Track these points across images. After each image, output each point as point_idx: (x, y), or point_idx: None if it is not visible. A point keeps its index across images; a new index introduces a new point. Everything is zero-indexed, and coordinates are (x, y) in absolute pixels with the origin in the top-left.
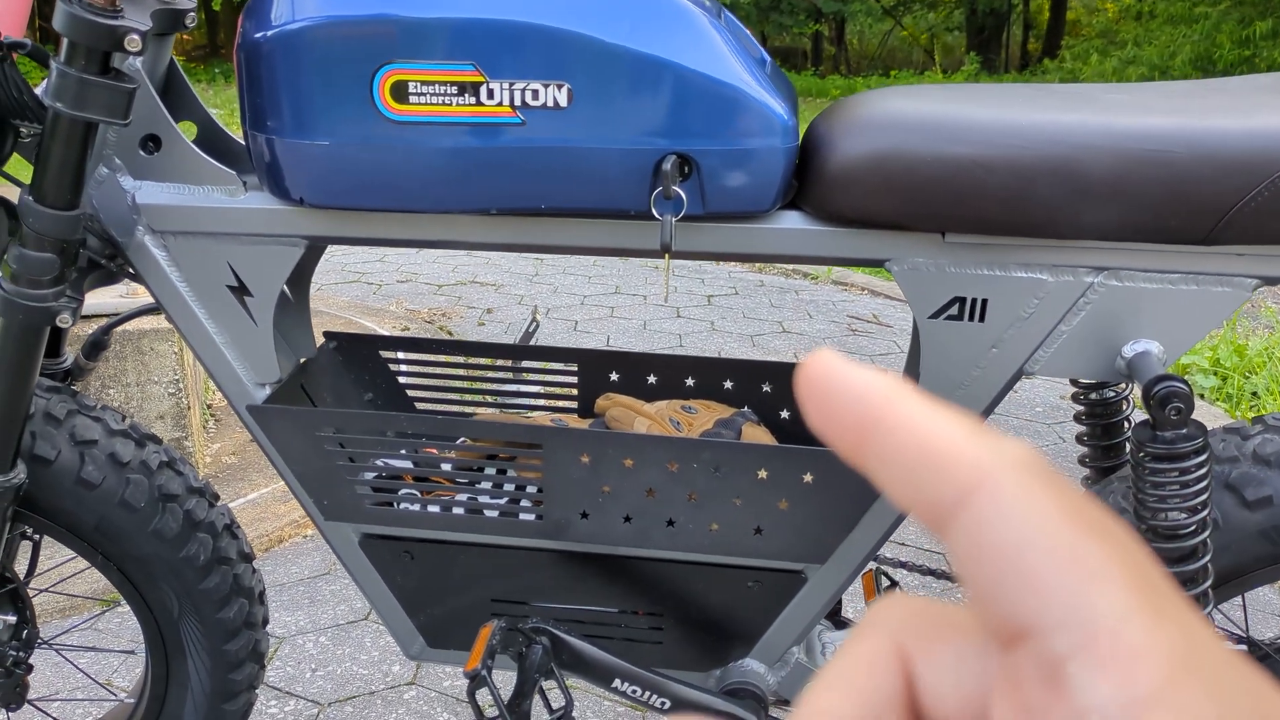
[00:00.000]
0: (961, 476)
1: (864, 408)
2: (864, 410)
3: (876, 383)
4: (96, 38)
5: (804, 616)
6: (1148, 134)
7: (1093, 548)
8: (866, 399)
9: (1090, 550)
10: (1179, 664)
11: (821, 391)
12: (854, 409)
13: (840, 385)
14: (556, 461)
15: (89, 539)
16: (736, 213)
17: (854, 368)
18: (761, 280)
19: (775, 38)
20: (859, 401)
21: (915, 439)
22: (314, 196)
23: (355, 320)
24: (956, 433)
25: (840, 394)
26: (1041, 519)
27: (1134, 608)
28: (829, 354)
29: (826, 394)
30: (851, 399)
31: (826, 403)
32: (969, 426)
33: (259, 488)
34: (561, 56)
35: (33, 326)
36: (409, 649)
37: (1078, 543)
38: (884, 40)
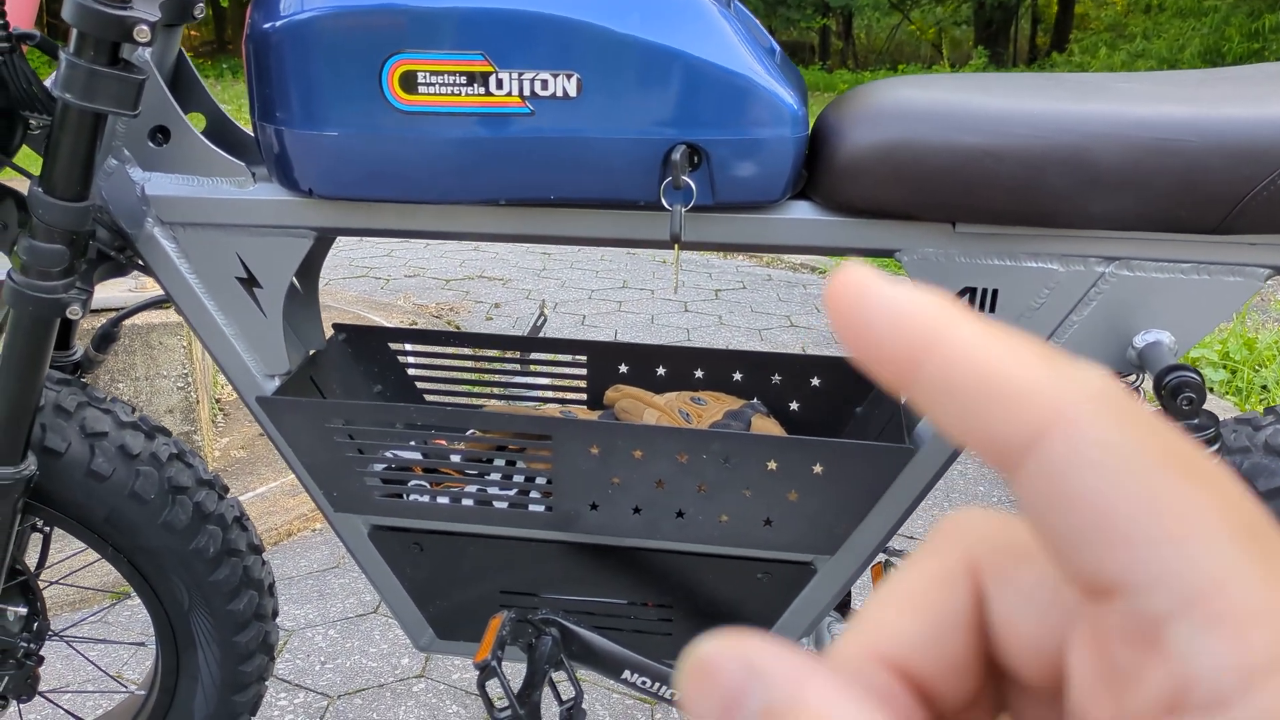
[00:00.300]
0: (1031, 414)
1: (911, 333)
2: (911, 336)
3: (924, 303)
4: (105, 28)
5: (813, 608)
6: (1159, 123)
7: (1190, 494)
8: (914, 322)
9: (1187, 496)
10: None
11: (857, 314)
12: (899, 334)
13: (880, 306)
14: (566, 453)
15: (99, 531)
16: (746, 203)
17: (895, 285)
18: (769, 274)
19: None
20: (905, 325)
21: (975, 369)
22: (323, 187)
23: (363, 315)
24: (1024, 361)
25: (881, 316)
26: (1128, 461)
27: (1242, 562)
28: (861, 270)
29: (863, 316)
30: (895, 322)
31: (864, 327)
32: (1038, 352)
33: (268, 482)
34: (571, 46)
35: (43, 318)
36: (418, 640)
37: (1172, 488)
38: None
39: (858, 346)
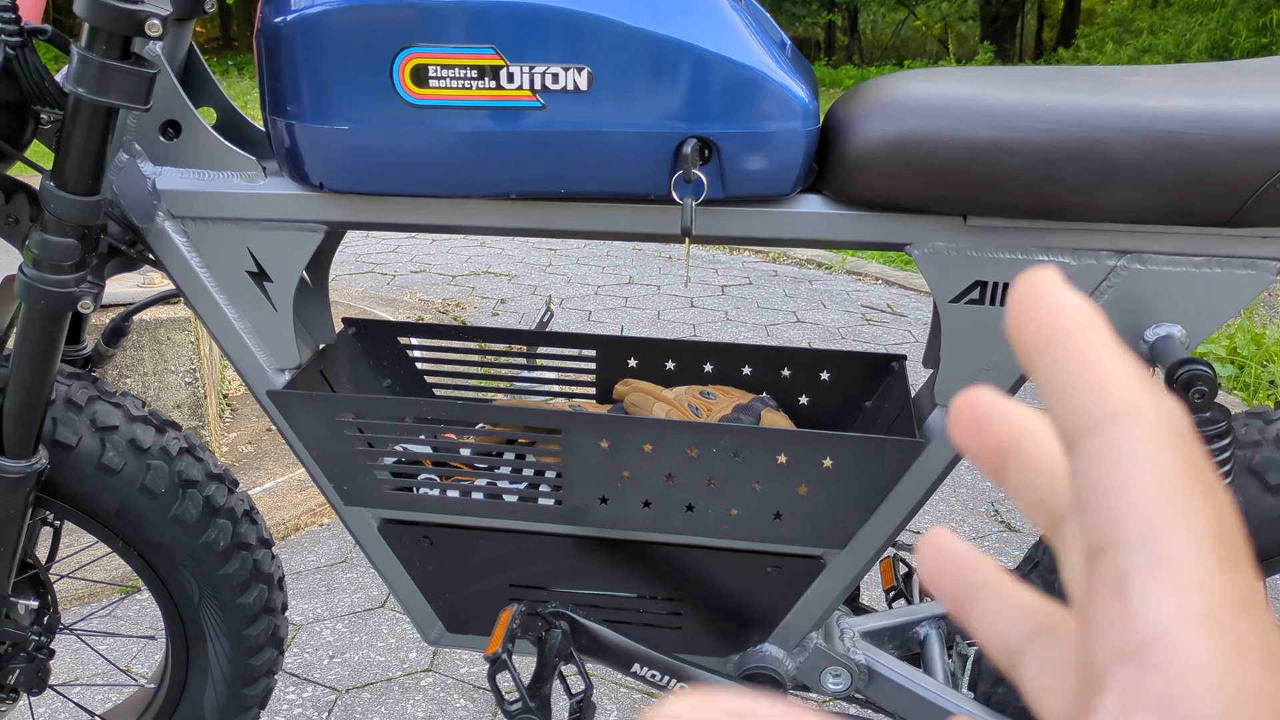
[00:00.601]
0: (1111, 404)
1: (1055, 321)
2: (1054, 322)
3: (1081, 307)
4: (117, 22)
5: (823, 602)
6: (1172, 116)
7: (1194, 500)
8: (1061, 313)
9: (1191, 501)
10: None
11: (1030, 294)
12: (1046, 320)
13: (1044, 300)
14: (576, 446)
15: (110, 525)
16: (757, 196)
17: (1062, 287)
18: (775, 270)
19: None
20: (1053, 313)
21: (1087, 357)
22: (334, 181)
23: (369, 310)
24: (1124, 369)
25: (1046, 301)
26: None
27: (1207, 548)
28: (1049, 274)
29: (1034, 297)
30: (1046, 310)
31: (1030, 304)
32: (1138, 370)
33: (275, 476)
34: (582, 39)
35: (54, 311)
36: (428, 634)
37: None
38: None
39: (1016, 323)
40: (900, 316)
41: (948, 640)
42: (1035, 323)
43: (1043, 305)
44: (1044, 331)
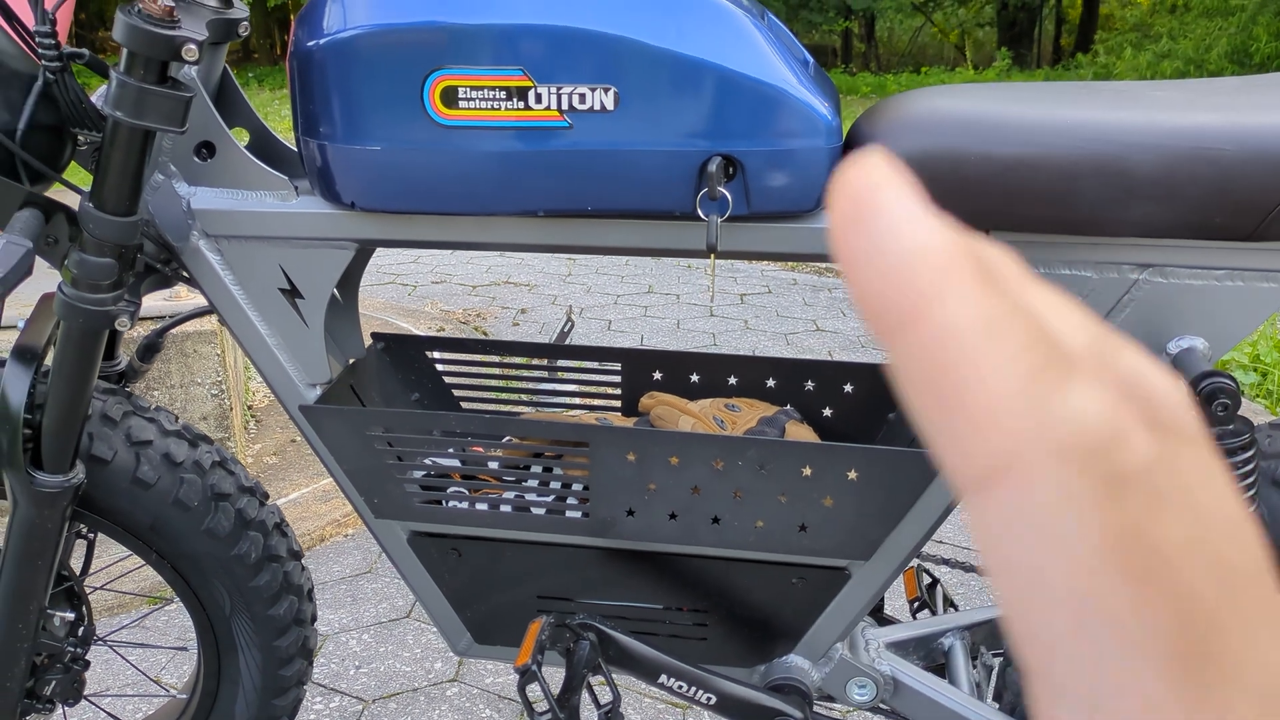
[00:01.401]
0: (986, 451)
1: (908, 285)
2: (907, 289)
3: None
4: (155, 48)
5: (848, 613)
6: (1194, 131)
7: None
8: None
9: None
10: None
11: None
12: (895, 280)
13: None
14: (603, 459)
15: (144, 537)
16: (781, 212)
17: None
18: (794, 278)
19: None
20: (904, 271)
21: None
22: (365, 200)
23: (391, 321)
24: (1007, 372)
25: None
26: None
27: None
28: (878, 166)
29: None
30: (896, 261)
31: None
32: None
33: (300, 488)
34: (608, 60)
35: (92, 330)
36: (456, 645)
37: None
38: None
39: (851, 273)
40: None
41: (973, 651)
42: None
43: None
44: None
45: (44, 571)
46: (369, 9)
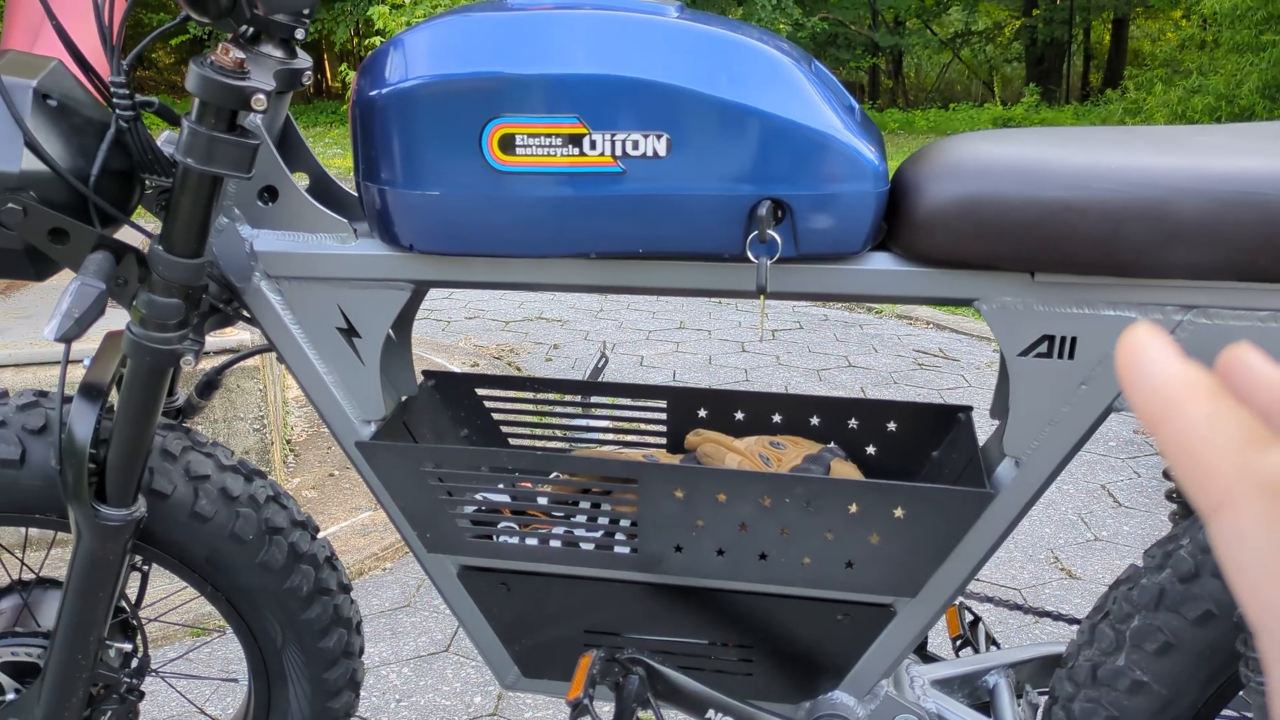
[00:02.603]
0: (1211, 493)
1: (1162, 398)
2: (1161, 400)
3: (1176, 378)
4: (226, 98)
5: (893, 650)
6: (1239, 176)
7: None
8: (1165, 391)
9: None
10: None
11: (1134, 368)
12: (1154, 395)
13: (1149, 368)
14: (651, 496)
15: (200, 570)
16: (828, 254)
17: (1166, 353)
18: (826, 314)
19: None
20: (1157, 390)
21: (1189, 446)
22: (423, 243)
23: (425, 357)
24: (1222, 446)
25: (1146, 377)
26: (1267, 545)
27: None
28: (1147, 332)
29: (1137, 373)
30: (1153, 383)
31: (1133, 380)
32: (1241, 434)
33: (338, 521)
34: (661, 108)
35: (159, 368)
36: (504, 678)
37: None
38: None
39: (1126, 389)
40: (953, 361)
41: (1017, 689)
42: (1142, 400)
43: (1143, 378)
44: (1151, 410)
45: (104, 603)
46: (429, 60)
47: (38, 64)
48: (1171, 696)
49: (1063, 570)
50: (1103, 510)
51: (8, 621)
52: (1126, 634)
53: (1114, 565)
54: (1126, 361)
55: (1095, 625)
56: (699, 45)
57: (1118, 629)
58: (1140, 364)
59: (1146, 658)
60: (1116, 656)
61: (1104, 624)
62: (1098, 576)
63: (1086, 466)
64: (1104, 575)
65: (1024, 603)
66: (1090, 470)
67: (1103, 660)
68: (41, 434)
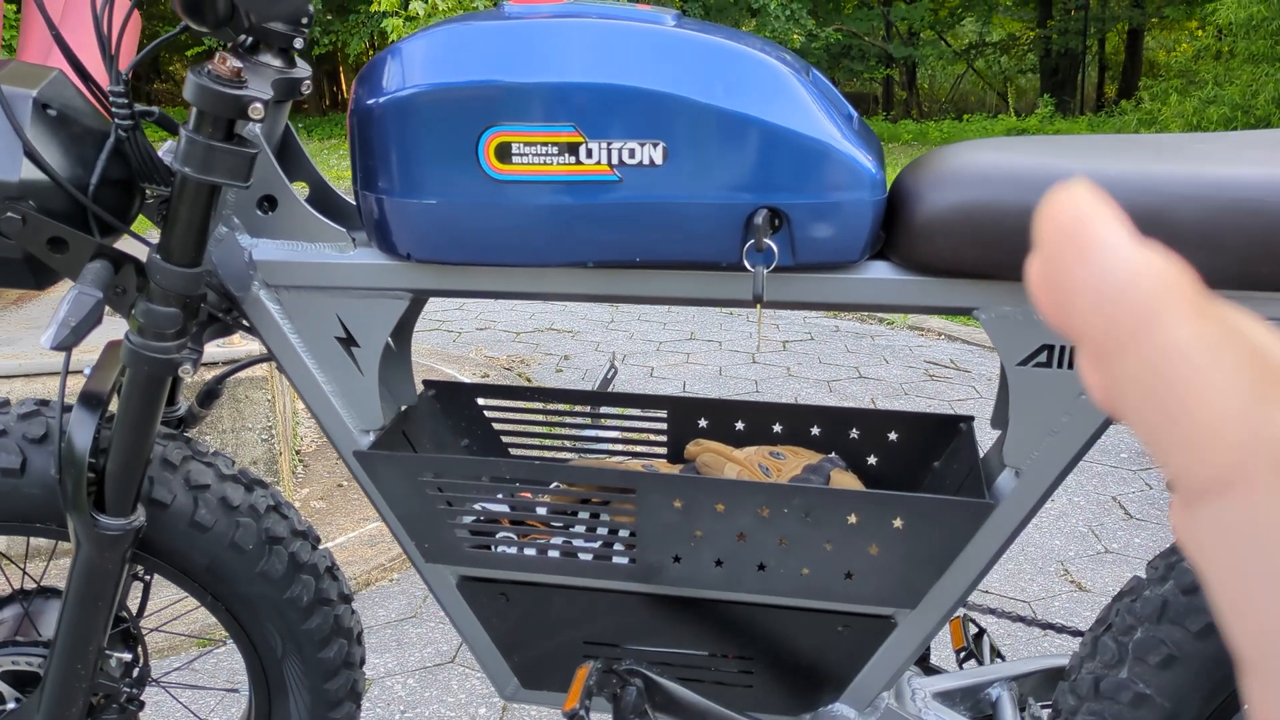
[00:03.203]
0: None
1: (1124, 309)
2: (1123, 313)
3: (1149, 271)
4: (223, 107)
5: (894, 662)
6: (1237, 184)
7: None
8: (1131, 295)
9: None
10: None
11: (1070, 262)
12: (1110, 305)
13: (1099, 262)
14: (649, 506)
15: (200, 580)
16: (826, 263)
17: (1119, 234)
18: (837, 325)
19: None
20: (1120, 297)
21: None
22: (421, 252)
23: (436, 367)
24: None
25: (1096, 275)
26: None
27: None
28: (1084, 198)
29: (1076, 270)
30: (1110, 289)
31: (1073, 282)
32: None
33: (346, 532)
34: (657, 117)
35: (157, 377)
36: (503, 689)
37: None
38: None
39: (1056, 300)
40: (964, 372)
41: (1020, 702)
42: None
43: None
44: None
45: (104, 612)
46: (426, 69)
47: (38, 74)
48: (1174, 710)
49: (1072, 582)
50: (1113, 522)
51: (9, 631)
52: (1129, 646)
53: (1124, 577)
54: (1063, 241)
55: (1098, 638)
56: (695, 54)
57: (1120, 641)
58: (1088, 245)
59: (1149, 670)
60: (1119, 669)
61: (1106, 636)
62: (1107, 588)
63: (1097, 478)
64: (1114, 588)
65: (1033, 615)
66: (1101, 482)
67: (1105, 673)
68: (42, 443)
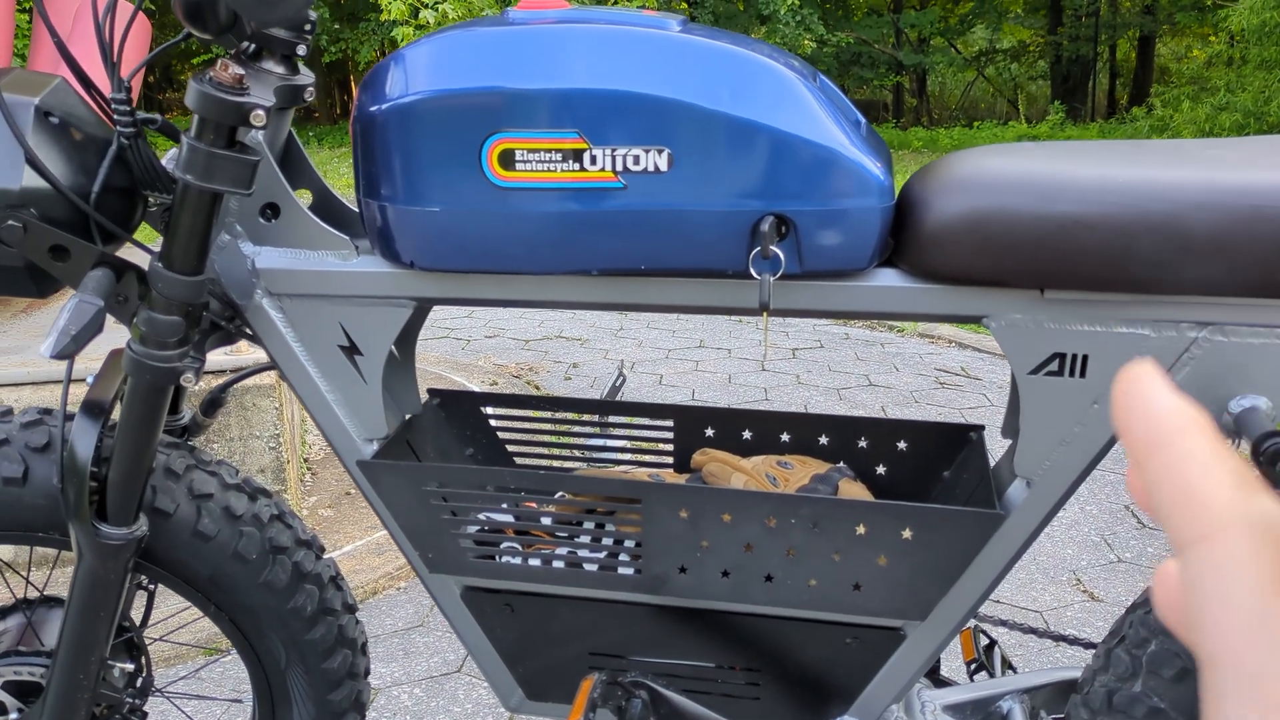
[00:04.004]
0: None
1: (1156, 429)
2: (1155, 431)
3: (1177, 412)
4: (225, 114)
5: (903, 674)
6: (1252, 190)
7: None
8: (1161, 423)
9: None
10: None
11: (1131, 397)
12: (1149, 425)
13: (1144, 398)
14: (655, 516)
15: (203, 589)
16: (833, 271)
17: (1167, 389)
18: (847, 333)
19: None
20: (1155, 421)
21: (1183, 478)
22: (424, 260)
23: (445, 375)
24: (1219, 481)
25: (1142, 405)
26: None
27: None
28: (1148, 367)
29: (1134, 401)
30: (1150, 415)
31: (1130, 409)
32: (1236, 476)
33: (354, 540)
34: (662, 123)
35: (159, 386)
36: (508, 701)
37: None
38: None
39: (1118, 419)
40: (975, 380)
41: (1032, 714)
42: (1136, 427)
43: (1141, 408)
44: (1144, 438)
45: (106, 622)
46: (429, 75)
47: (40, 81)
48: None
49: (1085, 592)
50: (1126, 531)
51: (12, 640)
52: (1143, 659)
53: (1137, 587)
54: (1125, 389)
55: (1111, 650)
56: (701, 59)
57: (1134, 654)
58: (1140, 392)
59: (1163, 684)
60: (1133, 682)
61: (1120, 649)
62: (1120, 599)
63: (1110, 487)
64: (1127, 597)
65: (1045, 626)
66: (1114, 490)
67: (1119, 686)
68: (45, 452)
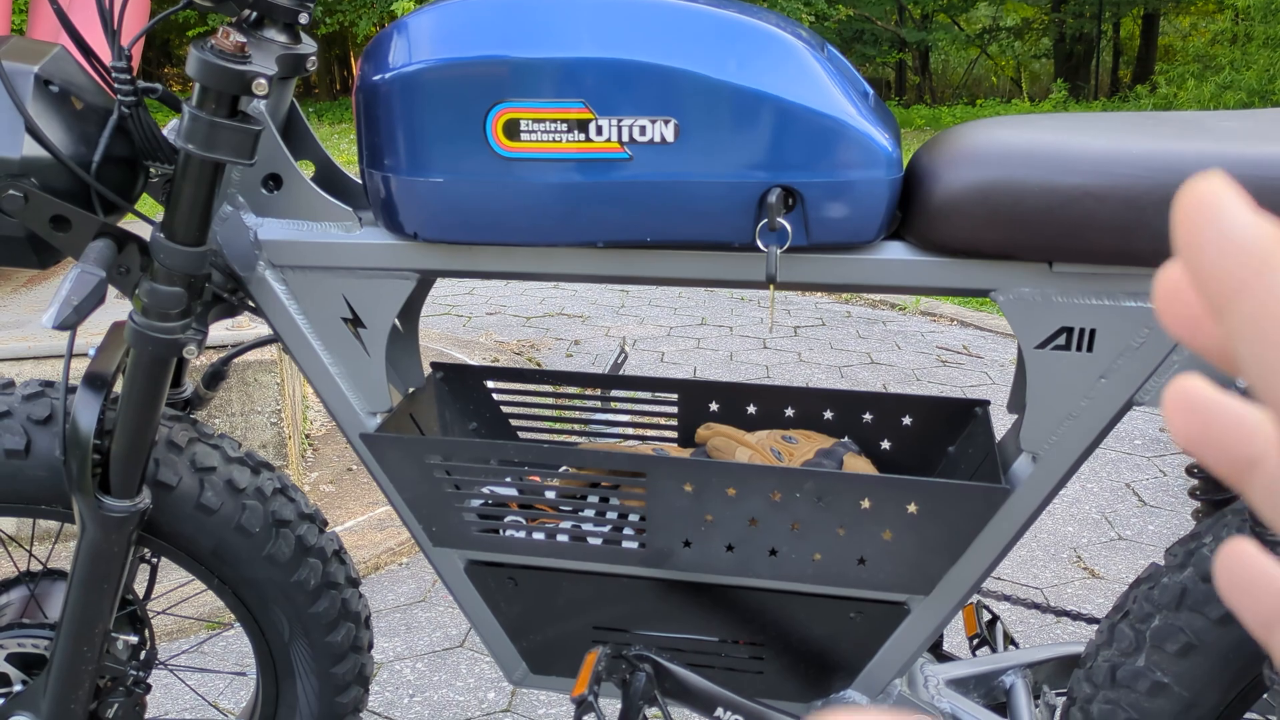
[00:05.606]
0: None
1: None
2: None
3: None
4: (226, 82)
5: (907, 648)
6: (1263, 162)
7: None
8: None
9: None
10: None
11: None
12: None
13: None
14: (660, 490)
15: (206, 563)
16: (840, 244)
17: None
18: (849, 311)
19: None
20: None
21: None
22: (428, 231)
23: (446, 352)
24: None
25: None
26: None
27: None
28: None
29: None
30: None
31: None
32: None
33: (355, 515)
34: (669, 93)
35: (161, 358)
36: (512, 674)
37: None
38: (969, 69)
39: (1192, 253)
40: (976, 358)
41: (1035, 690)
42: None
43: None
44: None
45: (109, 595)
46: (432, 44)
47: (40, 49)
48: (1193, 699)
49: (1085, 569)
50: (1127, 509)
51: (15, 613)
52: (1147, 634)
53: (1138, 564)
54: (1193, 215)
55: (1115, 625)
56: (708, 28)
57: (1138, 629)
58: (1214, 218)
59: (1167, 659)
60: (1136, 657)
61: (1124, 624)
62: (1121, 576)
63: (1111, 465)
64: (1127, 575)
65: (1047, 602)
66: (1115, 468)
67: (1122, 661)
68: (47, 424)
